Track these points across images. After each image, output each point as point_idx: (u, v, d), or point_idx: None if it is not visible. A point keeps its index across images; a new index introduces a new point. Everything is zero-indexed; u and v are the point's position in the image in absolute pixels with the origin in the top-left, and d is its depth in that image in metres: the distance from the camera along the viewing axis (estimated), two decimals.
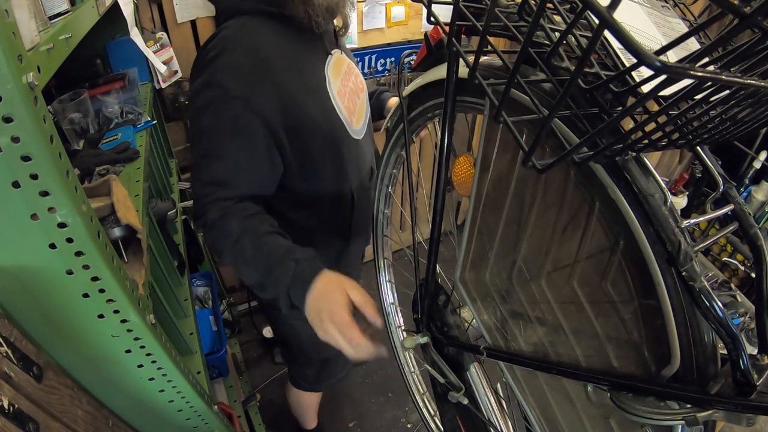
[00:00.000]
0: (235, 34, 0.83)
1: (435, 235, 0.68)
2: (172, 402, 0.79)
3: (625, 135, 0.31)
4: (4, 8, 0.39)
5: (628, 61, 0.37)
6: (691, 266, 0.38)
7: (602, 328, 0.48)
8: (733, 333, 0.37)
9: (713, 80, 0.23)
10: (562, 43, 0.33)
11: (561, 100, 0.30)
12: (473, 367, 0.81)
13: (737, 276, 2.10)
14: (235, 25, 0.84)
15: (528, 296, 0.59)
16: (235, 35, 0.83)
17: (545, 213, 0.52)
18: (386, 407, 1.91)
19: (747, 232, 0.44)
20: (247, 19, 0.85)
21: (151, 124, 1.17)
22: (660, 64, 0.20)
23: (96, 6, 0.84)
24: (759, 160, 2.02)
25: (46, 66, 0.50)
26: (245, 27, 0.84)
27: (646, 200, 0.39)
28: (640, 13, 0.43)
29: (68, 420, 0.58)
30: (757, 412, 0.36)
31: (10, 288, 0.52)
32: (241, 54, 0.81)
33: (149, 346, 0.66)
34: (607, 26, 0.22)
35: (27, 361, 0.53)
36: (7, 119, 0.40)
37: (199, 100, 0.83)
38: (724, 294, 1.48)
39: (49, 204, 0.47)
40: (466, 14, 0.38)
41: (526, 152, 0.36)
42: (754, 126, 0.37)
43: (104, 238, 0.56)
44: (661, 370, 0.43)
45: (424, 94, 0.75)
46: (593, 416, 0.53)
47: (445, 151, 0.61)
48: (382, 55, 1.93)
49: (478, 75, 0.38)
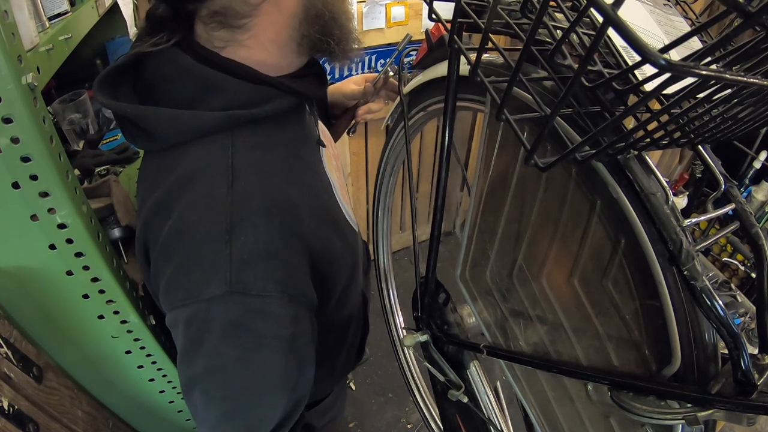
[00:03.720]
0: (231, 190, 0.48)
1: (435, 233, 0.68)
2: (172, 403, 0.79)
3: (627, 134, 0.31)
4: (4, 9, 0.39)
5: (630, 59, 0.37)
6: (692, 265, 0.37)
7: (603, 327, 0.48)
8: (734, 332, 0.37)
9: (717, 79, 0.23)
10: (564, 41, 0.32)
11: (564, 98, 0.30)
12: (473, 365, 0.81)
13: (737, 276, 2.10)
14: (210, 165, 0.49)
15: (528, 295, 0.59)
16: (233, 193, 0.48)
17: (546, 211, 0.51)
18: (386, 407, 1.91)
19: (748, 232, 0.44)
20: (221, 144, 0.50)
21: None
22: (665, 62, 0.20)
23: (95, 6, 0.84)
24: (759, 160, 2.02)
25: (46, 66, 0.50)
26: (237, 169, 0.49)
27: (648, 199, 0.39)
28: (643, 12, 0.42)
29: (68, 421, 0.58)
30: (758, 411, 0.36)
31: (10, 289, 0.52)
32: (267, 224, 0.48)
33: (149, 347, 0.66)
34: (611, 24, 0.22)
35: (27, 362, 0.53)
36: (6, 120, 0.40)
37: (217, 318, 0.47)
38: (725, 294, 1.48)
39: (49, 205, 0.47)
40: (468, 11, 0.38)
41: (528, 150, 0.36)
42: (755, 125, 0.37)
43: (104, 239, 0.56)
44: (662, 370, 0.42)
45: (424, 92, 0.75)
46: (593, 415, 0.53)
47: (446, 149, 0.61)
48: (382, 55, 1.93)
49: (480, 72, 0.38)
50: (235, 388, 0.50)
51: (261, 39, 0.52)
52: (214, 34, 0.51)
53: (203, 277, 0.46)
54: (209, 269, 0.46)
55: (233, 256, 0.46)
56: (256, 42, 0.52)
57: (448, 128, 0.59)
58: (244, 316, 0.47)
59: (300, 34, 0.54)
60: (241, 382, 0.50)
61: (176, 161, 0.50)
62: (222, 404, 0.50)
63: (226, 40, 0.52)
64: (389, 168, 0.99)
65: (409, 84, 0.78)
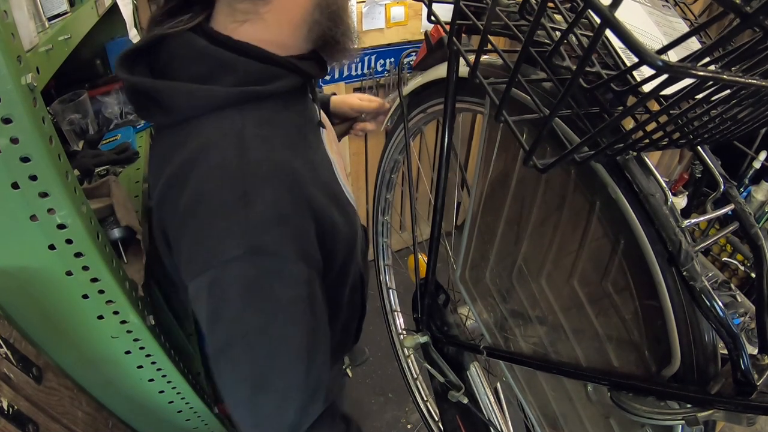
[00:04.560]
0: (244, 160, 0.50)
1: (435, 234, 0.68)
2: (171, 403, 0.79)
3: (625, 134, 0.31)
4: (3, 9, 0.39)
5: (629, 60, 0.37)
6: (691, 266, 0.38)
7: (602, 328, 0.48)
8: (733, 333, 0.37)
9: (715, 80, 0.23)
10: (563, 43, 0.33)
11: (562, 99, 0.30)
12: (473, 366, 0.81)
13: (737, 276, 2.10)
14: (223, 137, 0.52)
15: (528, 295, 0.59)
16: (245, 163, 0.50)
17: (546, 212, 0.52)
18: (386, 407, 1.90)
19: (747, 232, 0.44)
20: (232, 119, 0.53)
21: (150, 125, 1.17)
22: (662, 63, 0.20)
23: (95, 7, 0.84)
24: (759, 160, 2.02)
25: (46, 67, 0.50)
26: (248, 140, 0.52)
27: (647, 200, 0.39)
28: (641, 13, 0.43)
29: (68, 421, 0.58)
30: (758, 412, 0.36)
31: (10, 289, 0.52)
32: (277, 190, 0.51)
33: (149, 347, 0.66)
34: (608, 25, 0.22)
35: (26, 362, 0.53)
36: (6, 120, 0.40)
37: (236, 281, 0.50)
38: (724, 294, 1.48)
39: (49, 205, 0.47)
40: (467, 13, 0.38)
41: (527, 152, 0.36)
42: (754, 126, 0.37)
43: (104, 239, 0.56)
44: (662, 370, 0.43)
45: (424, 93, 0.75)
46: (593, 416, 0.53)
47: (445, 150, 0.61)
48: (382, 55, 1.93)
49: (479, 74, 0.38)
50: (259, 354, 0.52)
51: (278, 16, 0.57)
52: (238, 6, 0.55)
53: (220, 243, 0.49)
54: (226, 234, 0.49)
55: (249, 220, 0.49)
56: (273, 17, 0.57)
57: (447, 129, 0.59)
58: (262, 277, 0.50)
59: (312, 19, 0.59)
60: (265, 348, 0.52)
61: (189, 136, 0.53)
62: (249, 373, 0.52)
63: (246, 12, 0.56)
64: (389, 168, 0.99)
65: (409, 85, 0.78)
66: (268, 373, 0.53)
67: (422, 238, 1.42)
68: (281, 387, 0.53)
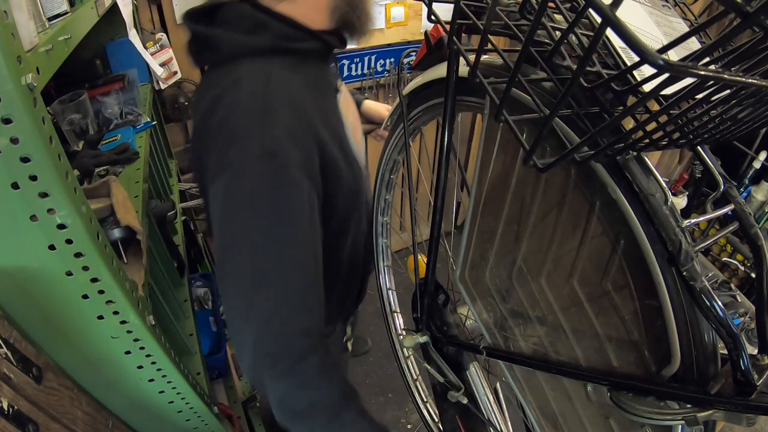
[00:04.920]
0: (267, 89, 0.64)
1: (435, 233, 0.68)
2: (171, 403, 0.79)
3: (626, 134, 0.31)
4: (3, 9, 0.39)
5: (629, 60, 0.37)
6: (691, 266, 0.37)
7: (602, 328, 0.48)
8: (733, 333, 0.37)
9: (715, 79, 0.23)
10: (563, 42, 0.33)
11: (562, 99, 0.30)
12: (473, 366, 0.81)
13: (737, 276, 2.10)
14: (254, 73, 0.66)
15: (528, 295, 0.59)
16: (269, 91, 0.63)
17: (545, 212, 0.52)
18: (386, 407, 1.91)
19: (747, 232, 0.44)
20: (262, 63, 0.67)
21: (150, 125, 1.17)
22: (663, 62, 0.20)
23: (95, 7, 0.84)
24: (759, 160, 2.02)
25: (46, 67, 0.50)
26: (273, 76, 0.65)
27: (647, 200, 0.39)
28: (641, 12, 0.43)
29: (68, 421, 0.58)
30: (758, 412, 0.36)
31: (10, 289, 0.52)
32: (291, 115, 0.63)
33: (149, 348, 0.66)
34: (609, 24, 0.22)
35: (26, 362, 0.53)
36: (6, 120, 0.40)
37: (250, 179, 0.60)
38: (724, 294, 1.48)
39: (49, 205, 0.47)
40: (467, 13, 0.38)
41: (528, 151, 0.36)
42: (754, 126, 0.37)
43: (104, 240, 0.56)
44: (662, 370, 0.42)
45: (423, 93, 0.75)
46: (593, 416, 0.53)
47: (445, 150, 0.61)
48: (382, 55, 1.93)
49: (479, 74, 0.38)
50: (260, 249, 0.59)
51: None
52: None
53: (240, 148, 0.60)
54: (245, 141, 0.60)
55: (265, 130, 0.60)
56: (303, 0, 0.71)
57: (447, 129, 0.59)
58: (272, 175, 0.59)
59: (335, 5, 0.72)
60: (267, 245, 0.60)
61: (230, 72, 0.67)
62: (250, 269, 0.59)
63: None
64: (388, 169, 0.99)
65: (409, 85, 0.78)
66: (268, 271, 0.60)
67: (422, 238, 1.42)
68: (280, 286, 0.60)
